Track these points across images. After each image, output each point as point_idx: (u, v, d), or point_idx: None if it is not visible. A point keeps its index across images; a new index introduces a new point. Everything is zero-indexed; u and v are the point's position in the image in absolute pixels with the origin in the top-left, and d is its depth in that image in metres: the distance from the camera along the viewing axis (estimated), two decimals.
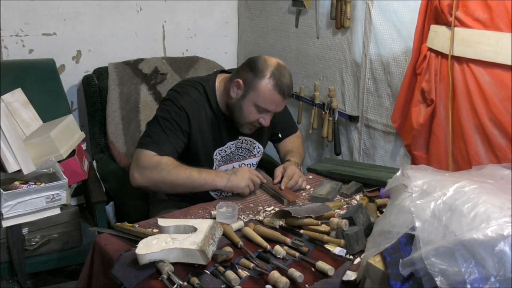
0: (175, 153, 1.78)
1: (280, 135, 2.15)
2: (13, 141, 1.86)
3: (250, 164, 2.04)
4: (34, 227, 1.87)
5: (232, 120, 1.88)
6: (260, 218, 1.63)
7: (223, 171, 1.82)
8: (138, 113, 2.63)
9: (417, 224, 1.09)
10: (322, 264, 1.30)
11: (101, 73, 2.65)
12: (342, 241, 1.40)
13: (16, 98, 2.22)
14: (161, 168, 1.71)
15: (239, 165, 2.00)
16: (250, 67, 1.80)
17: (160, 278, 1.25)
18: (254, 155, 2.04)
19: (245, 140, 1.99)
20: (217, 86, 1.90)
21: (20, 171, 1.86)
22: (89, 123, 2.63)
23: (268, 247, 1.39)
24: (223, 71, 2.01)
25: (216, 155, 1.91)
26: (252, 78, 1.77)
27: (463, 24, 1.62)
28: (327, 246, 1.42)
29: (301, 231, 1.50)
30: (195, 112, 1.83)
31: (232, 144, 1.95)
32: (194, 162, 1.83)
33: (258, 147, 2.04)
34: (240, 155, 2.00)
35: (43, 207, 1.87)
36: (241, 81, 1.79)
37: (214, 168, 1.92)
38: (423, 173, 1.25)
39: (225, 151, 1.94)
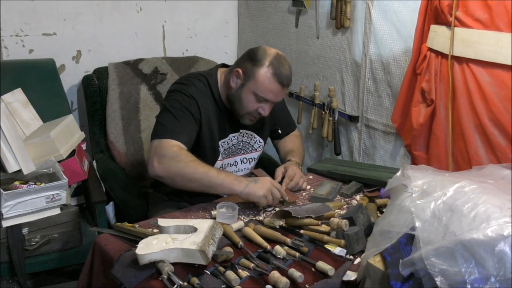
0: (189, 144, 1.76)
1: (280, 132, 2.15)
2: (13, 141, 1.86)
3: (252, 158, 2.04)
4: (34, 227, 1.87)
5: (233, 111, 1.88)
6: (260, 218, 1.63)
7: (243, 177, 1.75)
8: (138, 113, 2.63)
9: (417, 224, 1.09)
10: (322, 264, 1.30)
11: (101, 73, 2.65)
12: (342, 241, 1.40)
13: (16, 98, 2.22)
14: (179, 159, 1.67)
15: (241, 159, 2.00)
16: (249, 57, 1.81)
17: (160, 278, 1.25)
18: (256, 149, 2.04)
19: (246, 134, 2.00)
20: (218, 78, 1.91)
21: (20, 171, 1.86)
22: (89, 123, 2.63)
23: (268, 247, 1.39)
24: (224, 65, 2.02)
25: (220, 146, 1.92)
26: (251, 67, 1.78)
27: (463, 24, 1.62)
28: (327, 246, 1.42)
29: (301, 231, 1.50)
30: (203, 102, 1.84)
31: (234, 136, 1.96)
32: (201, 152, 1.83)
33: (259, 141, 2.04)
34: (241, 148, 2.00)
35: (43, 207, 1.87)
36: (240, 71, 1.80)
37: (219, 160, 1.92)
38: (423, 173, 1.25)
39: (228, 143, 1.94)
